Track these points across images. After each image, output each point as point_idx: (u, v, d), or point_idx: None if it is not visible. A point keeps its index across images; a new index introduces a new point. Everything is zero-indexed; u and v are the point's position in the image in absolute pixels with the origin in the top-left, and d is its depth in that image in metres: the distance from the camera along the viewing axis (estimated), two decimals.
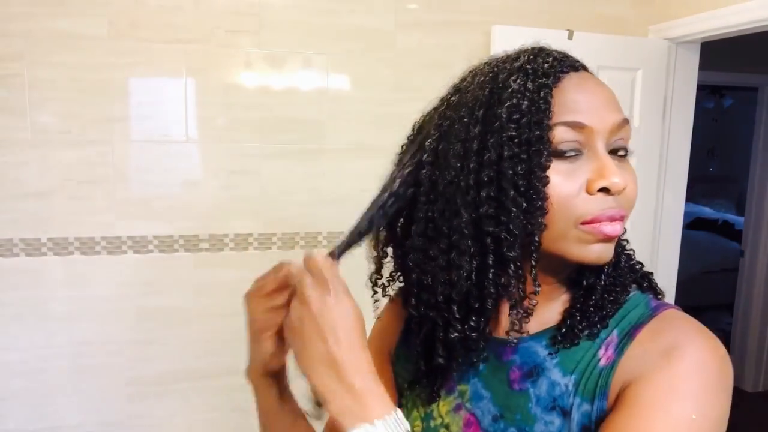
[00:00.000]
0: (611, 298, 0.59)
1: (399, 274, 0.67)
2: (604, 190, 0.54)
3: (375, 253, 0.67)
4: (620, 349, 0.56)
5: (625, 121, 0.57)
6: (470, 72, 0.62)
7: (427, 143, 0.60)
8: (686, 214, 2.82)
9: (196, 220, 1.97)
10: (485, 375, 0.63)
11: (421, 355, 0.64)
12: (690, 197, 3.39)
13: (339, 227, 2.07)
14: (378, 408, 0.49)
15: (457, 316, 0.58)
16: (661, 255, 2.31)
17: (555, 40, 0.59)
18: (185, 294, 1.99)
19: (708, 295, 4.74)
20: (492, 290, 0.57)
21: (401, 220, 0.63)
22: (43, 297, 1.89)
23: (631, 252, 0.65)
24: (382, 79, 2.05)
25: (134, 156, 1.91)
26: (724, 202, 6.58)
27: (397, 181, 0.60)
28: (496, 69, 0.58)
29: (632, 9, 2.25)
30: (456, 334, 0.58)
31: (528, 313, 0.58)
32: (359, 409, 0.49)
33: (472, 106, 0.57)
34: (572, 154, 0.54)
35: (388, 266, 0.68)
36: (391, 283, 0.68)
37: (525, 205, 0.53)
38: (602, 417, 0.54)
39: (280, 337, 0.59)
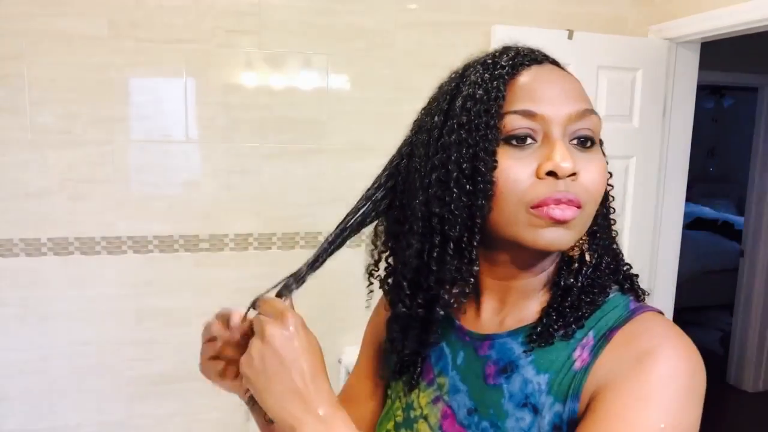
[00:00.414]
0: (588, 299, 0.59)
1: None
2: (552, 174, 0.54)
3: (372, 246, 0.69)
4: (595, 352, 0.56)
5: (587, 111, 0.57)
6: (454, 70, 0.65)
7: (406, 136, 0.65)
8: (686, 214, 2.82)
9: (196, 220, 1.97)
10: (463, 369, 0.65)
11: (399, 341, 0.67)
12: (690, 197, 3.40)
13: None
14: (344, 429, 0.52)
15: (407, 292, 0.61)
16: (661, 255, 2.31)
17: (555, 40, 0.60)
18: (185, 294, 1.99)
19: (708, 295, 4.74)
20: (434, 268, 0.59)
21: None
22: (43, 297, 1.89)
23: (619, 252, 0.65)
24: (382, 79, 2.05)
25: (134, 156, 1.91)
26: (724, 202, 6.58)
27: (372, 187, 0.65)
28: (467, 65, 0.61)
29: (632, 9, 2.25)
30: (403, 309, 0.62)
31: (464, 295, 0.60)
32: None
33: (440, 98, 0.61)
34: (524, 141, 0.55)
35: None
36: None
37: (469, 187, 0.56)
38: (573, 419, 0.54)
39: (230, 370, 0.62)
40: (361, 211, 0.64)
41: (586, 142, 0.58)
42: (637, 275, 0.65)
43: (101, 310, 1.93)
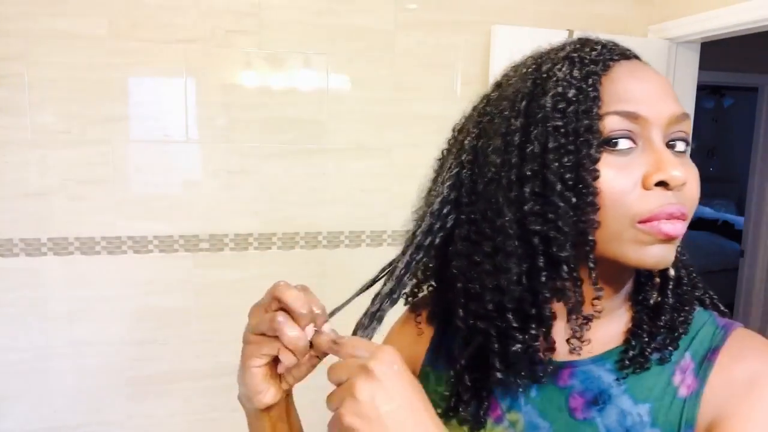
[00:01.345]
0: (681, 317, 0.55)
1: (428, 284, 0.63)
2: (662, 184, 0.49)
3: (401, 269, 0.62)
4: (702, 376, 0.52)
5: (685, 115, 0.52)
6: (512, 67, 0.58)
7: (466, 142, 0.56)
8: None
9: (196, 220, 1.97)
10: (540, 402, 0.57)
11: (467, 373, 0.58)
12: None
13: (339, 227, 2.08)
14: None
15: (514, 325, 0.52)
16: None
17: (555, 40, 0.58)
18: (185, 294, 1.98)
19: None
20: (547, 294, 0.51)
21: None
22: (43, 297, 1.89)
23: (692, 266, 0.61)
24: (382, 79, 2.05)
25: (134, 156, 1.91)
26: (724, 202, 6.58)
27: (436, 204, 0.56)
28: (539, 60, 0.54)
29: (632, 9, 2.25)
30: (518, 345, 0.52)
31: (588, 319, 0.53)
32: None
33: (513, 99, 0.53)
34: (625, 146, 0.50)
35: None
36: (412, 296, 0.65)
37: (574, 200, 0.49)
38: None
39: (272, 375, 0.53)
40: (426, 234, 0.56)
41: (680, 146, 0.53)
42: (710, 289, 0.62)
43: (101, 310, 1.93)
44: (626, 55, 0.55)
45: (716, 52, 2.52)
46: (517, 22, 2.09)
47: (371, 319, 0.55)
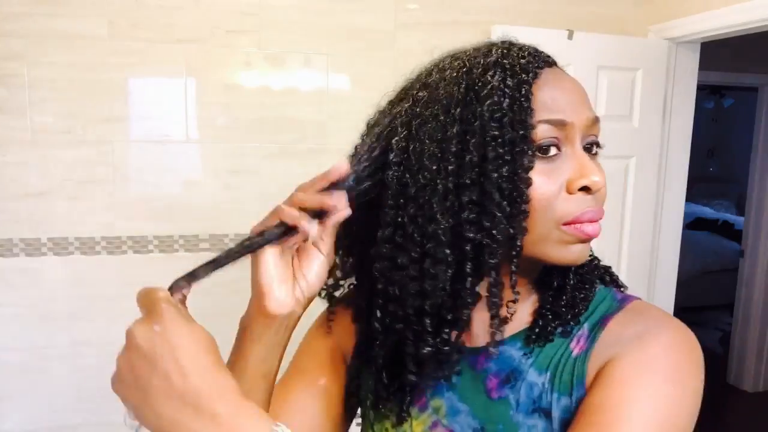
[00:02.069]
0: (582, 295, 0.59)
1: (349, 283, 0.63)
2: (584, 189, 0.53)
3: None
4: (592, 338, 0.56)
5: (598, 119, 0.56)
6: (435, 66, 0.59)
7: (394, 141, 0.55)
8: (686, 214, 2.82)
9: (196, 220, 1.97)
10: (460, 387, 0.60)
11: (386, 371, 0.60)
12: (690, 197, 3.39)
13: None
14: (256, 427, 0.40)
15: (429, 329, 0.54)
16: (661, 255, 2.31)
17: (555, 40, 0.59)
18: None
19: (708, 295, 4.74)
20: (469, 300, 0.53)
21: (355, 225, 0.56)
22: (43, 297, 1.89)
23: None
24: (382, 79, 2.04)
25: (134, 156, 1.91)
26: (724, 202, 6.58)
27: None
28: (467, 63, 0.55)
29: (632, 9, 2.25)
30: (428, 348, 0.54)
31: (505, 322, 0.56)
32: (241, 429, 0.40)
33: (447, 103, 0.53)
34: (553, 152, 0.52)
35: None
36: (336, 292, 0.64)
37: (508, 208, 0.51)
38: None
39: (287, 278, 0.54)
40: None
41: (594, 149, 0.56)
42: (610, 267, 0.66)
43: (101, 310, 1.93)
44: (548, 61, 0.56)
45: (716, 52, 2.52)
46: (517, 22, 2.09)
47: (188, 279, 0.55)
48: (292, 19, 1.97)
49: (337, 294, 0.65)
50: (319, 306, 0.65)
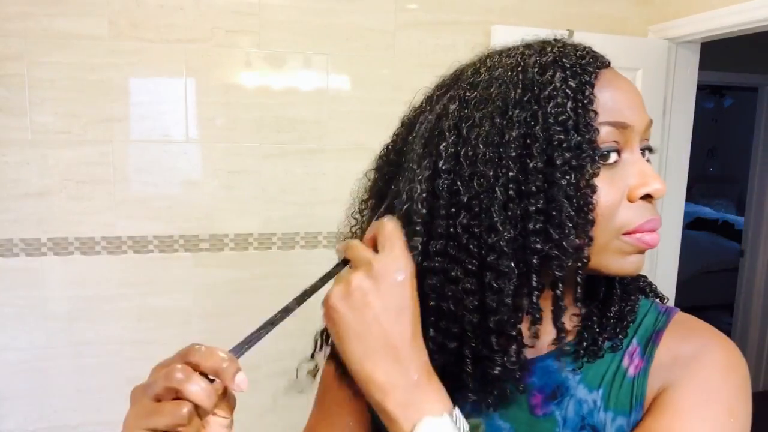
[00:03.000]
0: (628, 306, 0.56)
1: None
2: (646, 196, 0.50)
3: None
4: (648, 355, 0.54)
5: (651, 122, 0.53)
6: (481, 64, 0.54)
7: (442, 147, 0.50)
8: (686, 214, 2.82)
9: (196, 220, 1.97)
10: (500, 404, 0.56)
11: None
12: (690, 197, 3.40)
13: (338, 229, 2.07)
14: (442, 402, 0.45)
15: (496, 348, 0.50)
16: (661, 255, 2.31)
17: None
18: (185, 294, 1.98)
19: (708, 295, 4.74)
20: (537, 316, 0.50)
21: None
22: (43, 297, 1.89)
23: None
24: (382, 79, 2.05)
25: (134, 156, 1.91)
26: (724, 202, 6.58)
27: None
28: (521, 62, 0.51)
29: (632, 9, 2.25)
30: (498, 368, 0.50)
31: (566, 337, 0.52)
32: (424, 401, 0.44)
33: (502, 105, 0.49)
34: (614, 159, 0.50)
35: None
36: None
37: (577, 219, 0.48)
38: None
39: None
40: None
41: (646, 154, 0.53)
42: (646, 277, 0.64)
43: (101, 310, 1.93)
44: (605, 62, 0.54)
45: (716, 52, 2.52)
46: (517, 22, 2.09)
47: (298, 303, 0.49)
48: (292, 19, 1.97)
49: None
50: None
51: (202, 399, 0.40)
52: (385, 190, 0.58)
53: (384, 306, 0.44)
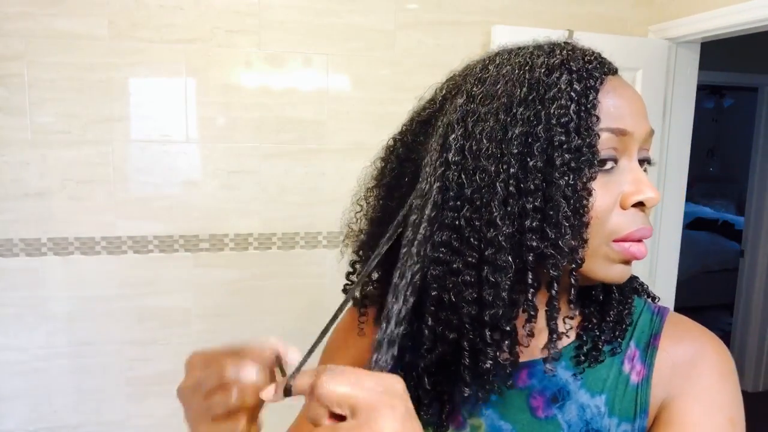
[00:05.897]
0: (626, 309, 0.57)
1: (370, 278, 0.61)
2: (638, 204, 0.51)
3: (357, 258, 0.60)
4: (649, 362, 0.55)
5: (653, 132, 0.54)
6: (490, 60, 0.55)
7: (451, 138, 0.51)
8: (686, 214, 2.82)
9: (196, 220, 1.97)
10: (501, 405, 0.57)
11: (427, 377, 0.56)
12: (690, 197, 3.40)
13: (339, 227, 2.07)
14: None
15: (489, 341, 0.50)
16: (661, 255, 2.31)
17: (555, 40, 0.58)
18: (185, 294, 1.98)
19: (708, 295, 4.74)
20: (532, 313, 0.50)
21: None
22: (43, 297, 1.89)
23: None
24: (382, 79, 2.05)
25: (134, 156, 1.91)
26: (724, 202, 6.58)
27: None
28: (529, 61, 0.52)
29: (632, 9, 2.25)
30: (489, 362, 0.51)
31: (560, 338, 0.53)
32: None
33: (507, 101, 0.49)
34: (610, 165, 0.50)
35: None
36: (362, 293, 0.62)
37: (572, 218, 0.48)
38: None
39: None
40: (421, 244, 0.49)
41: (644, 165, 0.54)
42: (637, 277, 0.64)
43: (101, 310, 1.93)
44: (612, 69, 0.54)
45: (716, 52, 2.52)
46: (517, 22, 2.09)
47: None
48: (292, 19, 1.97)
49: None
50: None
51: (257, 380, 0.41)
52: (391, 180, 0.59)
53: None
